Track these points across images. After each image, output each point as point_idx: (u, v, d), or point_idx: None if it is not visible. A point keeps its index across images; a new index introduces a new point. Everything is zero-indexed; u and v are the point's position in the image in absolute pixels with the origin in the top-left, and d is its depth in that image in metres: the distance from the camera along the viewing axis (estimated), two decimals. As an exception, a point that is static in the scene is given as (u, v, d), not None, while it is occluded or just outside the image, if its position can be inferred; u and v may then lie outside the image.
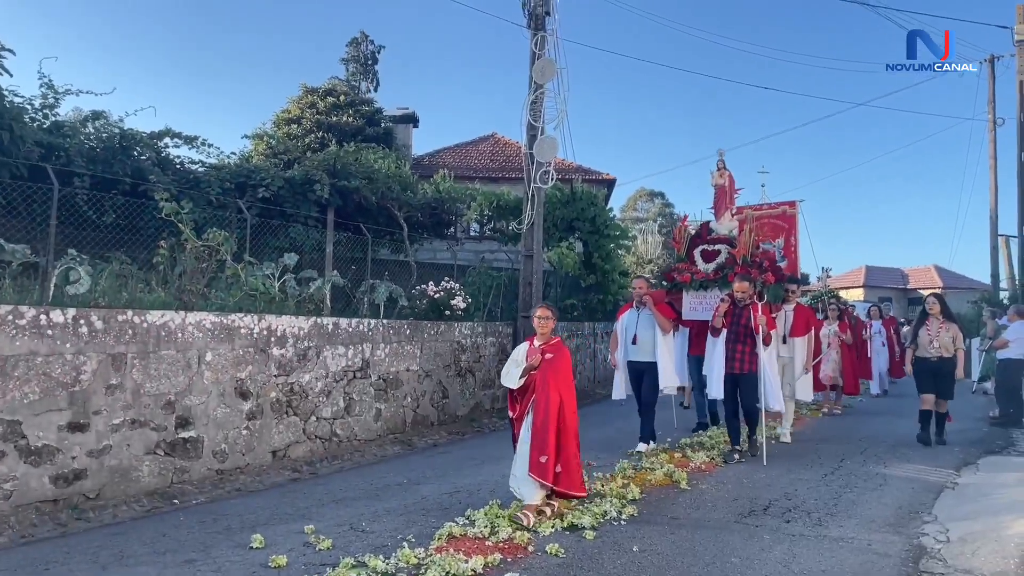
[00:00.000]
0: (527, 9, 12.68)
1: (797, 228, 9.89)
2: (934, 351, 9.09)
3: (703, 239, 9.64)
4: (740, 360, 8.03)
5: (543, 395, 5.74)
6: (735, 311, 8.10)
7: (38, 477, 5.88)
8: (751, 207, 10.20)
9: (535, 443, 5.64)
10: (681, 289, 9.48)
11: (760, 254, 9.11)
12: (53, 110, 10.87)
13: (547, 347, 6.00)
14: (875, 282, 41.01)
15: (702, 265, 9.34)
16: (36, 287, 6.74)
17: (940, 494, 6.73)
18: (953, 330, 9.17)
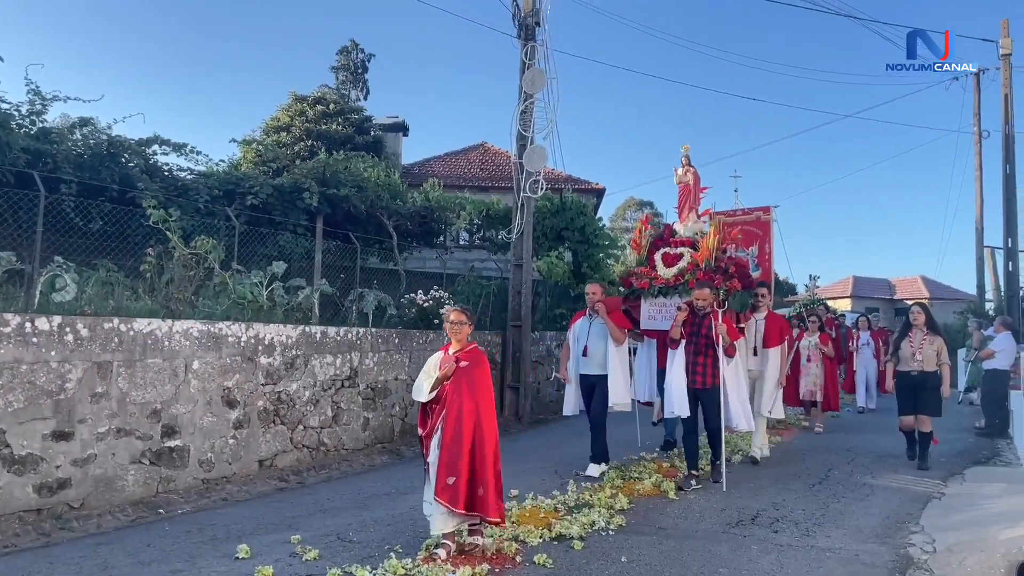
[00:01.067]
0: (517, 20, 12.72)
1: (772, 235, 9.40)
2: (916, 365, 8.31)
3: (665, 241, 8.78)
4: (701, 374, 7.33)
5: (455, 407, 5.09)
6: (695, 320, 7.39)
7: (22, 486, 5.82)
8: (724, 213, 9.66)
9: (444, 462, 5.01)
10: (639, 296, 8.60)
11: (726, 259, 8.30)
12: (40, 116, 10.78)
13: (462, 354, 5.34)
14: (862, 293, 41.23)
15: (662, 270, 8.42)
16: (21, 294, 6.69)
17: (927, 504, 6.76)
18: (938, 343, 8.36)
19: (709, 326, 7.29)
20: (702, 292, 7.37)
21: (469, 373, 5.22)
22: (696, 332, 7.38)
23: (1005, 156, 18.48)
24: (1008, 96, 18.84)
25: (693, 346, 7.39)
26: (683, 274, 8.15)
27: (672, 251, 8.55)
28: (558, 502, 6.41)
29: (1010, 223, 18.26)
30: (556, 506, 6.29)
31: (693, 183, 8.90)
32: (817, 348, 11.68)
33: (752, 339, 8.64)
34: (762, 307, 8.80)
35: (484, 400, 5.22)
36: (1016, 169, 18.37)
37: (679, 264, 8.29)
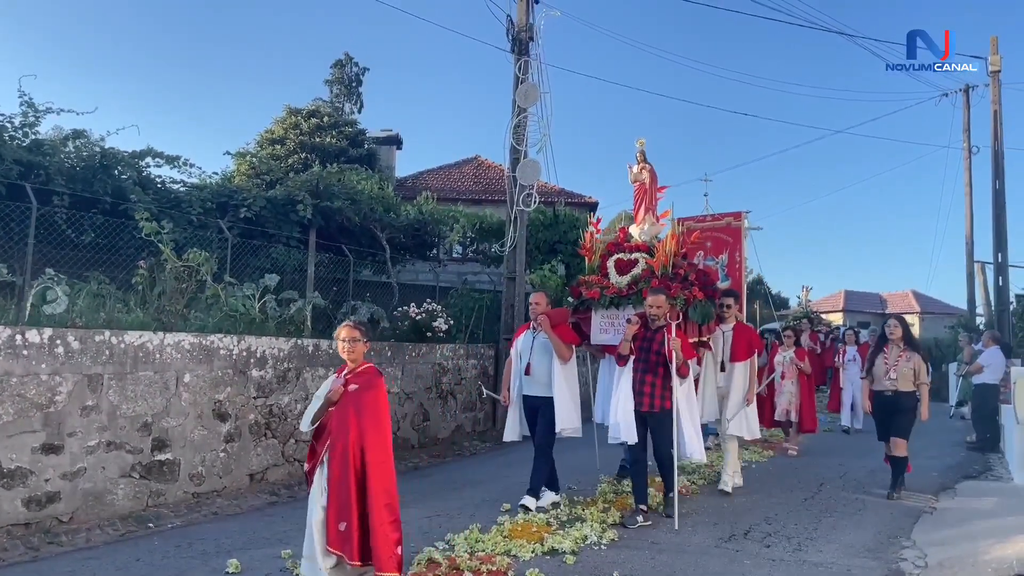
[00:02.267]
0: (511, 35, 12.80)
1: (743, 243, 8.65)
2: (889, 383, 7.50)
3: (620, 246, 7.88)
4: (650, 395, 6.48)
5: (340, 439, 4.45)
6: (646, 334, 6.60)
7: (10, 500, 5.78)
8: (693, 218, 9.02)
9: (333, 505, 4.42)
10: (590, 307, 7.69)
11: (686, 265, 7.55)
12: (33, 128, 10.77)
13: (353, 376, 4.65)
14: (854, 306, 41.41)
15: (615, 278, 7.50)
16: (12, 306, 6.66)
17: (919, 519, 6.76)
18: (915, 360, 7.52)
19: (662, 341, 6.45)
20: (656, 300, 6.56)
21: (359, 399, 4.55)
22: (647, 348, 6.54)
23: (995, 172, 18.62)
24: (997, 112, 18.99)
25: (643, 363, 6.54)
26: (637, 282, 7.30)
27: (626, 257, 7.67)
28: (550, 516, 6.39)
29: (1000, 238, 18.37)
30: (548, 520, 6.27)
31: (649, 181, 8.02)
32: (793, 364, 10.66)
33: (719, 353, 7.85)
34: (729, 318, 7.91)
35: (374, 430, 4.51)
36: (1005, 185, 18.49)
37: (633, 271, 7.44)
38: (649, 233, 7.85)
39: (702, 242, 8.66)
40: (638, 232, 7.93)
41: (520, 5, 12.89)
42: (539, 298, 7.14)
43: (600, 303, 7.55)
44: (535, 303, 7.07)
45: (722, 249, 8.81)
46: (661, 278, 7.17)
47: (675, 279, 7.19)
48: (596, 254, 7.96)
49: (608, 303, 7.47)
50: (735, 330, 7.89)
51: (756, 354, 8.05)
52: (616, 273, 7.56)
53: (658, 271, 7.27)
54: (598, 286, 7.58)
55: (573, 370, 7.03)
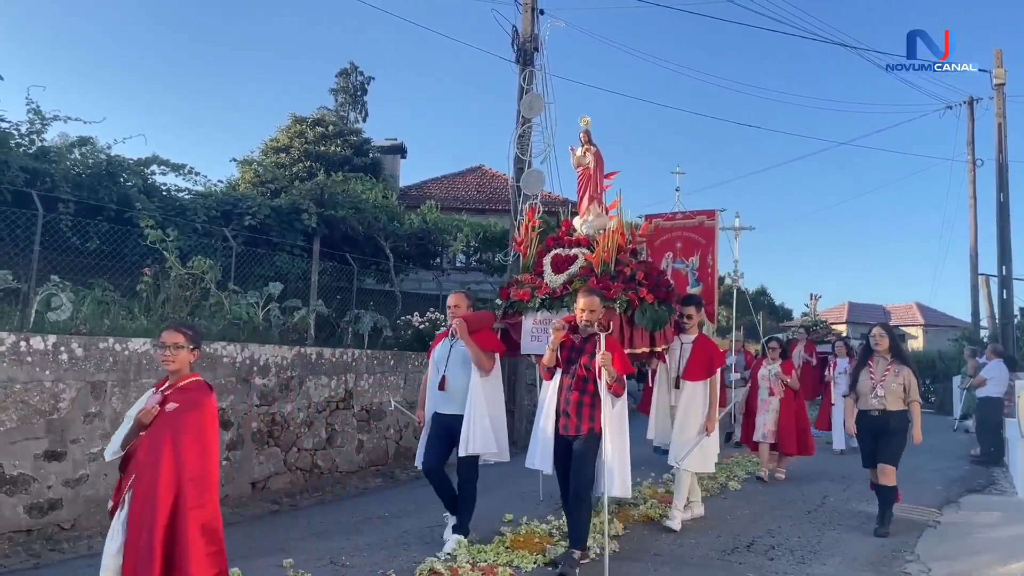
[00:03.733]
0: (515, 45, 12.85)
1: (716, 244, 7.83)
2: (876, 402, 6.60)
3: (560, 241, 6.92)
4: (576, 416, 5.41)
5: (147, 472, 3.60)
6: (575, 343, 5.56)
7: (12, 507, 5.78)
8: (662, 216, 8.18)
9: (130, 554, 3.55)
10: (520, 310, 6.63)
11: (634, 263, 6.52)
12: (40, 136, 10.83)
13: (173, 393, 3.85)
14: (858, 318, 41.30)
15: (550, 276, 6.51)
16: (17, 313, 6.68)
17: (923, 533, 6.73)
18: (904, 374, 6.61)
19: (593, 352, 5.42)
20: (588, 302, 5.45)
21: (176, 421, 3.71)
22: (575, 359, 5.50)
23: (999, 185, 18.60)
24: (1002, 125, 19.00)
25: (569, 378, 5.49)
26: (573, 281, 6.31)
27: (564, 252, 6.68)
28: (552, 527, 6.37)
29: (1004, 251, 18.34)
30: (551, 531, 6.25)
31: (595, 166, 6.99)
32: (779, 379, 9.46)
33: (675, 366, 6.74)
34: (691, 329, 6.79)
35: (194, 461, 3.67)
36: (1010, 198, 18.49)
37: (570, 269, 6.46)
38: (594, 225, 6.76)
39: (671, 242, 7.91)
40: (581, 224, 6.92)
41: (525, 16, 12.96)
42: (457, 299, 6.07)
43: (530, 306, 6.50)
44: (453, 305, 6.02)
45: (693, 251, 7.87)
46: (600, 277, 6.19)
47: (617, 278, 6.19)
48: (532, 249, 7.00)
49: (539, 305, 6.44)
50: (696, 343, 6.74)
51: (718, 373, 6.84)
52: (552, 271, 6.56)
53: (597, 268, 6.27)
54: (530, 286, 6.59)
55: (496, 384, 5.98)
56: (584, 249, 6.60)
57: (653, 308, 6.25)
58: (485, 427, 5.72)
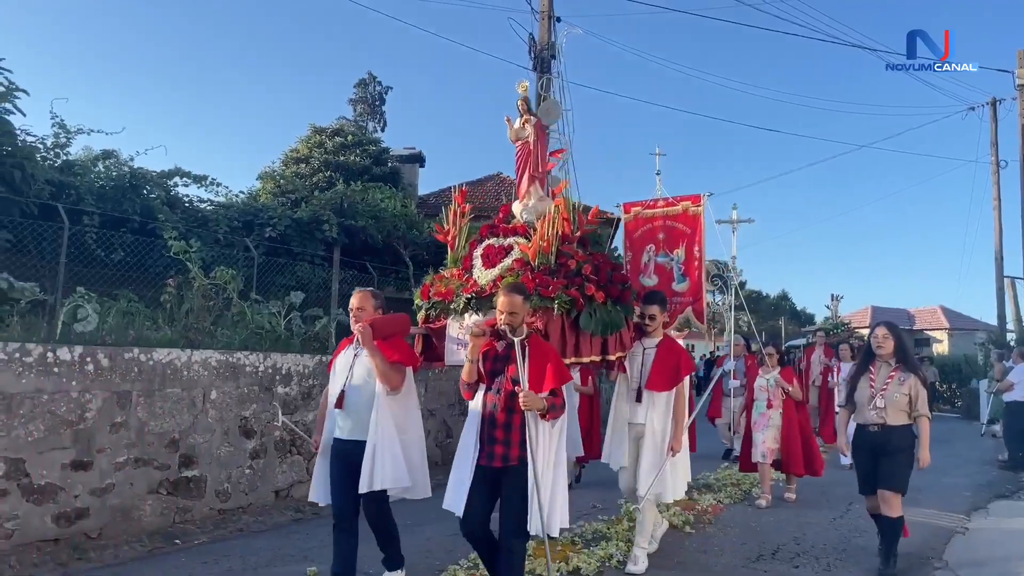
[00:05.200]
0: (533, 53, 12.91)
1: (703, 233, 6.98)
2: (875, 415, 5.49)
3: (496, 229, 5.91)
4: (503, 441, 4.38)
5: None
6: (499, 351, 4.56)
7: (40, 516, 5.85)
8: (641, 203, 7.38)
9: None
10: (442, 312, 5.61)
11: (580, 254, 5.45)
12: (64, 149, 11.02)
13: None
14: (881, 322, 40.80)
15: (480, 272, 5.48)
16: (44, 325, 6.77)
17: (951, 539, 6.65)
18: (911, 383, 5.48)
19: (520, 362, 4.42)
20: (509, 302, 4.41)
21: None
22: (500, 371, 4.50)
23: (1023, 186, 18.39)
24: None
25: (494, 394, 4.48)
26: (505, 277, 5.28)
27: (499, 243, 5.67)
28: (575, 535, 6.36)
29: (1030, 253, 18.10)
30: (573, 539, 6.23)
31: (535, 140, 5.89)
32: (779, 388, 8.28)
33: (636, 376, 5.73)
34: (655, 331, 5.77)
35: None
36: (1035, 199, 18.27)
37: (503, 262, 5.43)
38: (535, 211, 5.69)
39: (653, 233, 7.10)
40: (520, 210, 5.86)
41: (542, 24, 13.02)
42: (361, 299, 4.97)
43: (454, 306, 5.41)
44: (356, 307, 4.93)
45: (678, 242, 7.01)
46: (537, 271, 5.15)
47: (559, 272, 5.16)
48: (462, 241, 5.94)
49: (464, 306, 5.35)
50: (660, 348, 5.71)
51: (686, 383, 5.86)
52: (482, 265, 5.53)
53: (534, 261, 5.24)
54: (454, 283, 5.53)
55: (409, 402, 4.96)
56: (522, 239, 5.54)
57: (604, 309, 5.20)
58: (395, 456, 4.64)
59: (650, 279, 7.07)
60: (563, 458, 4.68)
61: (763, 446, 8.18)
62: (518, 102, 5.99)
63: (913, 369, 5.62)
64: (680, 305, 6.98)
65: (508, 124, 6.03)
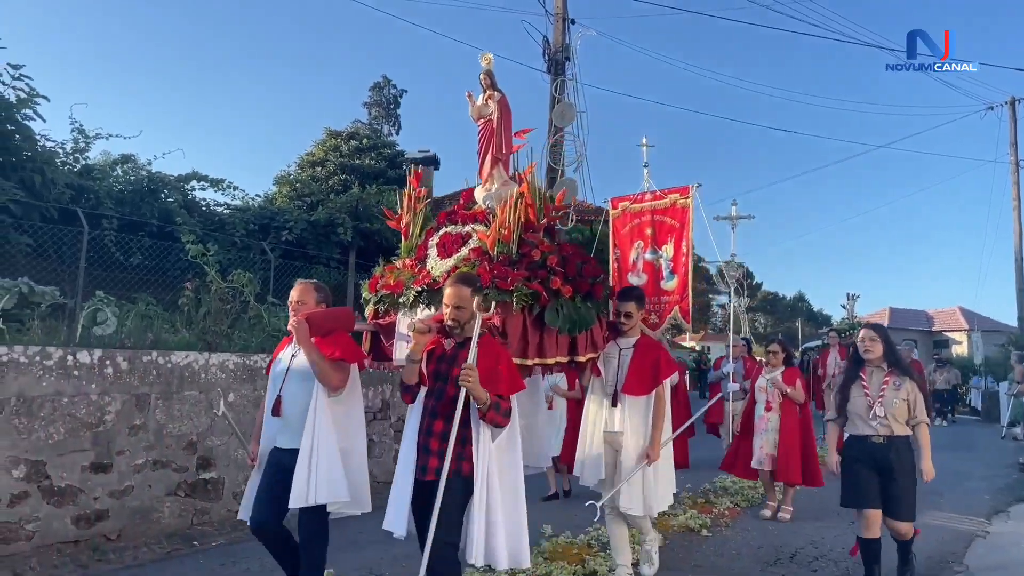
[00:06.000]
0: (547, 56, 12.92)
1: (690, 227, 6.51)
2: (877, 425, 4.93)
3: (454, 216, 5.30)
4: (438, 454, 3.90)
5: None
6: (444, 352, 4.12)
7: (60, 518, 5.91)
8: (628, 198, 6.98)
9: None
10: (391, 307, 4.93)
11: (547, 244, 4.83)
12: (83, 154, 11.15)
13: None
14: (899, 324, 40.50)
15: (434, 263, 4.90)
16: (64, 328, 6.85)
17: (971, 543, 6.57)
18: (907, 387, 4.96)
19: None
20: (455, 293, 4.00)
21: None
22: (444, 375, 4.04)
23: (1044, 185, 18.19)
24: (1046, 125, 18.59)
25: (435, 399, 4.04)
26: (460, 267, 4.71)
27: (457, 231, 5.11)
28: (591, 538, 6.34)
29: (1051, 253, 17.92)
30: (589, 542, 6.21)
31: (499, 118, 5.30)
32: (777, 389, 7.59)
33: (612, 379, 5.26)
34: (631, 330, 5.30)
35: None
36: (1055, 198, 18.07)
37: (460, 251, 4.89)
38: (498, 197, 5.07)
39: (641, 229, 6.72)
40: (483, 196, 5.29)
41: (556, 26, 13.03)
42: (302, 292, 4.55)
43: (403, 300, 4.79)
44: (296, 300, 4.51)
45: (667, 237, 6.60)
46: (496, 262, 4.60)
47: (520, 263, 4.60)
48: (416, 228, 5.44)
49: (414, 300, 4.72)
50: (637, 348, 5.26)
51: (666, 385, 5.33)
52: (437, 255, 4.98)
53: (492, 250, 4.68)
54: (406, 274, 4.96)
55: (351, 407, 4.46)
56: (481, 226, 4.99)
57: (573, 305, 4.68)
58: (332, 466, 4.16)
59: (638, 277, 6.69)
60: (518, 482, 4.10)
61: (761, 452, 7.53)
62: (480, 77, 5.36)
63: (906, 372, 5.10)
64: (669, 305, 6.55)
65: (469, 101, 5.41)
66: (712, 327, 44.07)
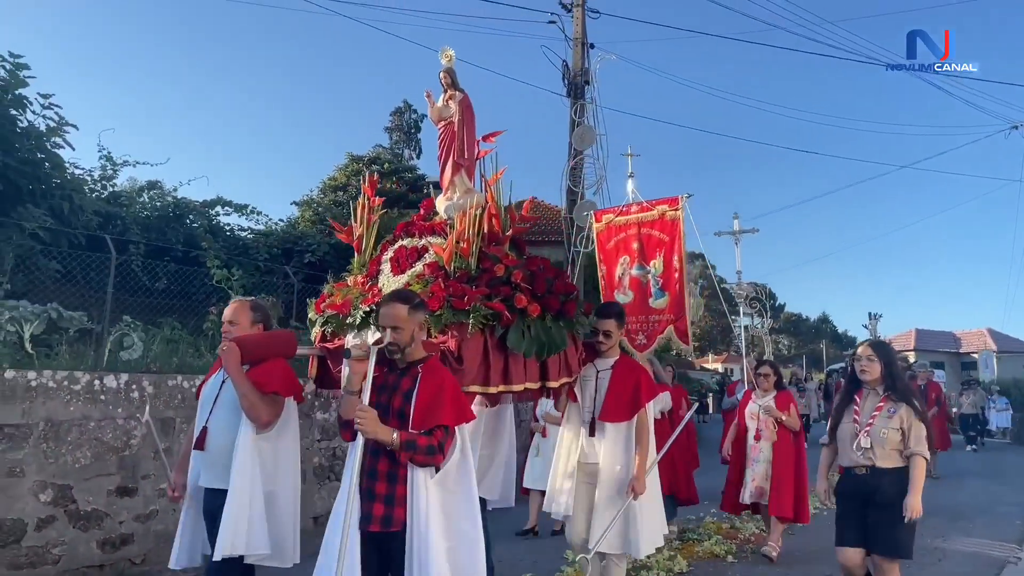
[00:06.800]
0: (566, 79, 13.00)
1: (682, 239, 5.99)
2: (859, 456, 4.43)
3: (411, 228, 4.76)
4: (384, 500, 3.36)
5: None
6: (386, 381, 3.55)
7: (86, 542, 5.95)
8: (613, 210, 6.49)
9: None
10: (337, 328, 4.40)
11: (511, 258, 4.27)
12: (111, 181, 11.36)
13: None
14: (926, 346, 40.02)
15: (386, 279, 4.41)
16: (91, 353, 6.93)
17: (1003, 570, 6.45)
18: (901, 414, 4.38)
19: (408, 394, 3.44)
20: (389, 312, 3.47)
21: None
22: (384, 407, 3.44)
23: (1071, 204, 17.95)
24: (1072, 143, 18.38)
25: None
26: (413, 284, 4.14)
27: (412, 244, 4.58)
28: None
29: (1080, 273, 17.64)
30: None
31: (461, 119, 4.80)
32: (769, 416, 6.88)
33: (589, 405, 4.83)
34: (610, 351, 4.90)
35: None
36: (1084, 218, 17.81)
37: (415, 267, 4.37)
38: (460, 207, 4.52)
39: (627, 243, 6.25)
40: (444, 206, 4.76)
41: (575, 51, 13.12)
42: (235, 311, 4.10)
43: (350, 321, 4.25)
44: (228, 321, 4.07)
45: (655, 252, 6.11)
46: (453, 278, 4.09)
47: (480, 280, 4.08)
48: (369, 242, 4.82)
49: (361, 321, 4.16)
50: (615, 370, 4.82)
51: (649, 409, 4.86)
52: (391, 271, 4.47)
53: (448, 265, 4.17)
54: (355, 292, 4.42)
55: (282, 443, 3.94)
56: (439, 239, 4.48)
57: (542, 325, 4.17)
58: (256, 513, 3.69)
59: (625, 295, 6.27)
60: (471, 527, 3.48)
61: (752, 484, 6.84)
62: (440, 75, 4.88)
63: (905, 398, 4.50)
64: (659, 324, 6.06)
65: (428, 101, 4.93)
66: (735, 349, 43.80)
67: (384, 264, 4.55)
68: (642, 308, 6.08)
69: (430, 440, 3.30)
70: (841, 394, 4.88)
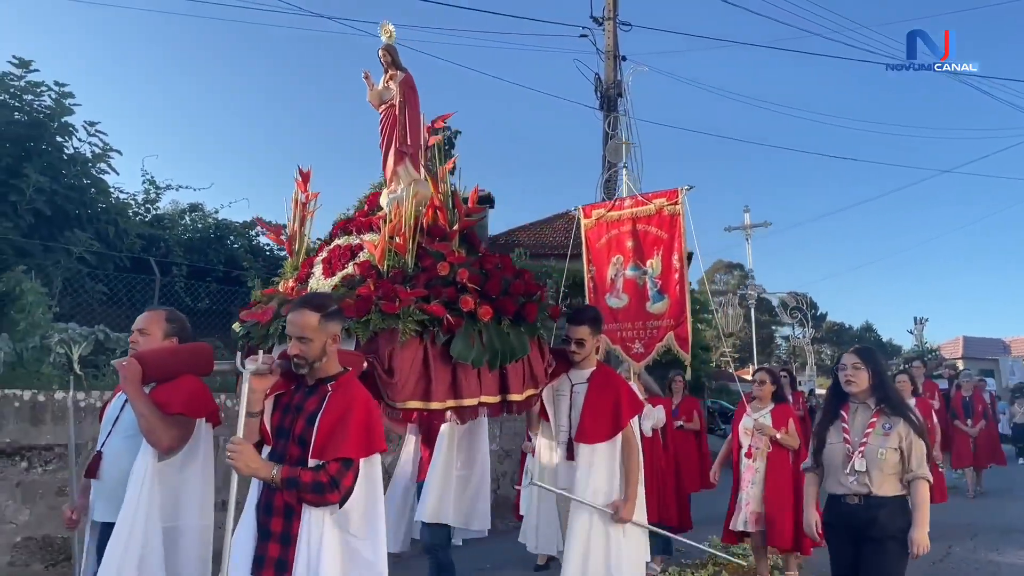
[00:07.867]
0: (599, 92, 13.02)
1: (682, 237, 5.43)
2: (853, 482, 3.78)
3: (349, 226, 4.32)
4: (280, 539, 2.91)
5: None
6: (291, 400, 3.08)
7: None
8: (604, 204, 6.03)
9: None
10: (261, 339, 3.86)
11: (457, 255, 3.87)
12: (154, 204, 11.64)
13: None
14: (974, 353, 39.00)
15: (316, 282, 4.00)
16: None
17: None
18: (899, 431, 3.76)
19: (312, 416, 2.93)
20: (295, 320, 2.96)
21: None
22: (287, 431, 3.03)
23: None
24: (1122, 143, 17.86)
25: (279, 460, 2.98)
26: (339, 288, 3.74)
27: (348, 242, 4.15)
28: (657, 579, 6.17)
29: None
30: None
31: (401, 102, 4.33)
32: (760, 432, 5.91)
33: (565, 423, 4.30)
34: (585, 361, 4.35)
35: None
36: None
37: (347, 268, 3.92)
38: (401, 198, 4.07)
39: (620, 241, 5.72)
40: (387, 199, 4.25)
41: (607, 63, 13.14)
42: (148, 321, 3.57)
43: (272, 331, 3.72)
44: (137, 330, 3.55)
45: (653, 250, 5.55)
46: (386, 278, 3.62)
47: (418, 279, 3.62)
48: (301, 244, 4.43)
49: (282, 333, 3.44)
50: (592, 383, 4.27)
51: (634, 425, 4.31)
52: (322, 273, 4.02)
53: (381, 264, 3.71)
54: (277, 299, 3.92)
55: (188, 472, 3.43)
56: (375, 236, 3.98)
57: (497, 330, 3.67)
58: (151, 551, 3.16)
59: (619, 299, 5.72)
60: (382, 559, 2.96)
61: (745, 509, 5.87)
62: (379, 53, 4.39)
63: (900, 411, 3.86)
64: (658, 331, 5.52)
65: (367, 83, 4.45)
66: (776, 359, 43.23)
67: (316, 266, 4.12)
68: (639, 313, 5.61)
69: (317, 476, 2.80)
70: (823, 410, 4.20)
